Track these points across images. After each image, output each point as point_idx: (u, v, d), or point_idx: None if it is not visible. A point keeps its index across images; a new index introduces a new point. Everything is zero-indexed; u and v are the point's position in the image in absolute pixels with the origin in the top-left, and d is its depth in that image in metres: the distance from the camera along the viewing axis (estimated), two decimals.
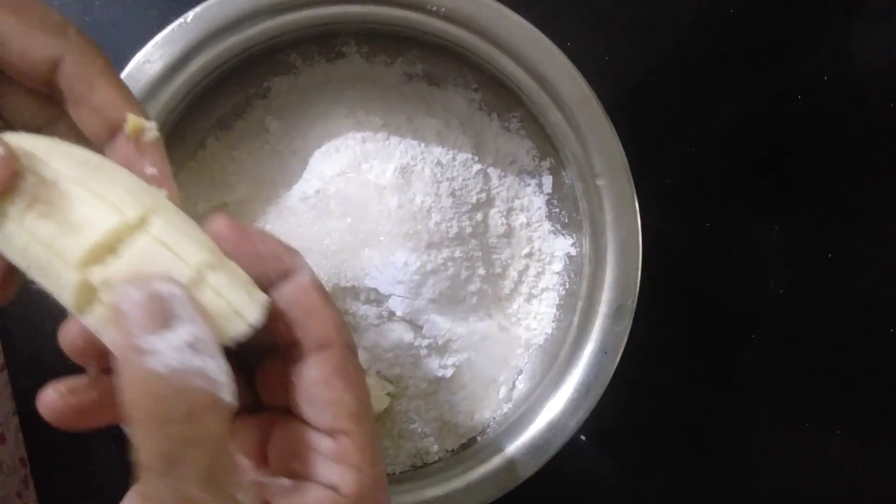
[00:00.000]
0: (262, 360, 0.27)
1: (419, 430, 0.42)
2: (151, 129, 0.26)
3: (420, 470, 0.42)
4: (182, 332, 0.20)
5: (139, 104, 0.27)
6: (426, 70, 0.44)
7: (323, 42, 0.43)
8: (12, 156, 0.22)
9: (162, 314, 0.20)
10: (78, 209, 0.22)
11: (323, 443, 0.24)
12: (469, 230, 0.41)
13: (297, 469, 0.25)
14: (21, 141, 0.24)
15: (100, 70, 0.26)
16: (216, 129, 0.43)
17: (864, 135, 0.48)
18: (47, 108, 0.27)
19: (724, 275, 0.48)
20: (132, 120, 0.26)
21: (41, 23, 0.25)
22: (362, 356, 0.40)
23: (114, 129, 0.26)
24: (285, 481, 0.24)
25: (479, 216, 0.42)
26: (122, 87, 0.27)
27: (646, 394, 0.48)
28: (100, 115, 0.26)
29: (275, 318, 0.25)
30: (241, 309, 0.23)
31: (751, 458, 0.48)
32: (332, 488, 0.24)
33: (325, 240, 0.39)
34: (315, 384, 0.24)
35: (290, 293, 0.25)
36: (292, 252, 0.26)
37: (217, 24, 0.38)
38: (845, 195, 0.48)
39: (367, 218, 0.39)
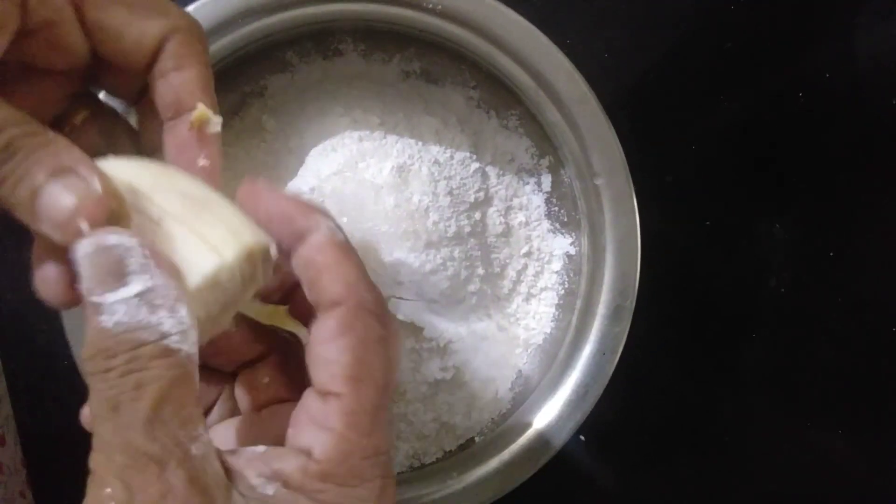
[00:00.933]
0: None
1: (417, 431, 0.42)
2: (216, 124, 0.27)
3: (417, 471, 0.42)
4: (134, 286, 0.20)
5: (213, 97, 0.27)
6: (424, 68, 0.43)
7: (320, 39, 0.42)
8: (109, 194, 0.22)
9: (113, 269, 0.20)
10: (180, 250, 0.23)
11: (314, 405, 0.23)
12: (467, 229, 0.41)
13: (288, 434, 0.24)
14: (124, 171, 0.24)
15: (195, 53, 0.26)
16: None
17: (866, 133, 0.47)
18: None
19: (725, 273, 0.48)
20: (201, 110, 0.26)
21: (148, 9, 0.25)
22: None
23: (180, 111, 0.26)
24: (258, 448, 0.23)
25: (477, 215, 0.42)
26: (206, 77, 0.27)
27: (646, 393, 0.47)
28: (174, 93, 0.26)
29: (295, 283, 0.24)
30: (218, 245, 0.22)
31: (752, 457, 0.48)
32: (306, 453, 0.22)
33: None
34: (317, 343, 0.23)
35: (304, 254, 0.24)
36: (309, 210, 0.24)
37: (211, 23, 0.37)
38: (847, 193, 0.47)
39: (363, 218, 0.39)
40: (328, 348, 0.23)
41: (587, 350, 0.39)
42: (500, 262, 0.43)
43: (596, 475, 0.48)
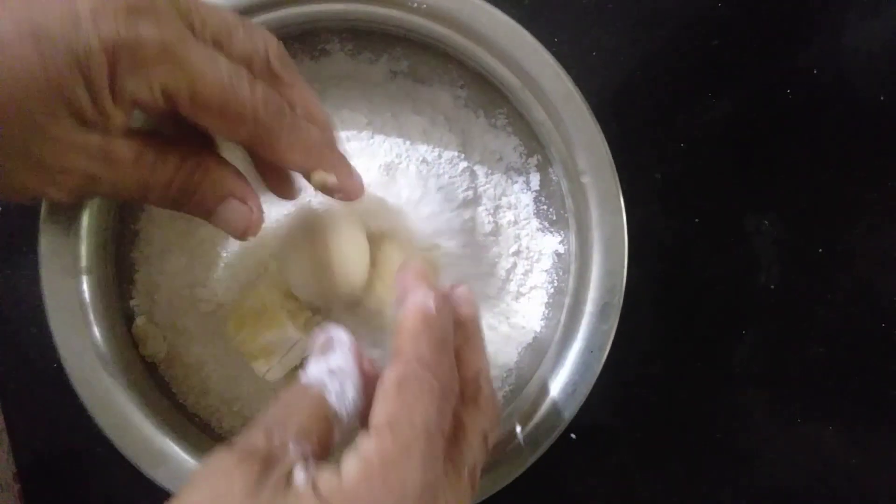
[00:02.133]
0: None
1: None
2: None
3: None
4: (329, 362, 0.29)
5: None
6: (411, 67, 0.43)
7: (306, 40, 0.42)
8: (259, 218, 0.34)
9: (324, 349, 0.30)
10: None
11: (362, 435, 0.26)
12: (456, 228, 0.41)
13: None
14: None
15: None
16: None
17: (854, 129, 0.47)
18: None
19: (715, 270, 0.48)
20: (319, 176, 0.34)
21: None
22: None
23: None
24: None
25: (466, 214, 0.42)
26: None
27: (637, 390, 0.47)
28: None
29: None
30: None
31: (743, 453, 0.48)
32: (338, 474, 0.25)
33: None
34: (378, 385, 0.27)
35: (399, 312, 0.30)
36: (417, 284, 0.31)
37: None
38: (835, 189, 0.48)
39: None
40: (383, 391, 0.27)
41: (575, 348, 0.39)
42: (489, 260, 0.43)
43: (587, 474, 0.48)
